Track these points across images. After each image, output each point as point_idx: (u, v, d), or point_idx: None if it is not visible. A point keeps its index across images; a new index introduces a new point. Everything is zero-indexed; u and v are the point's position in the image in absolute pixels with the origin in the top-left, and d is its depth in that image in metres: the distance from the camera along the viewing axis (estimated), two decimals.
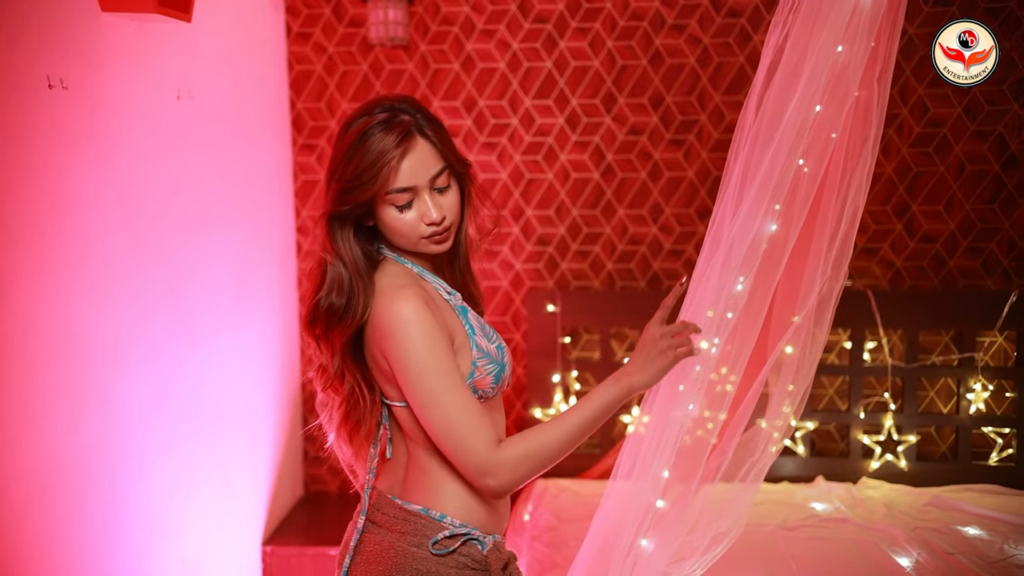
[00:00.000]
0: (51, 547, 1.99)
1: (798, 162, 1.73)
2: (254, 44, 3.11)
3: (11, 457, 1.85)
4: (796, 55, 1.81)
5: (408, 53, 3.34)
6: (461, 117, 3.36)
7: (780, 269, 1.82)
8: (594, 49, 3.31)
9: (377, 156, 1.52)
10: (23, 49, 1.88)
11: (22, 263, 1.87)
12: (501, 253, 3.42)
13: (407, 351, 1.51)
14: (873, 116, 2.05)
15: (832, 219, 2.09)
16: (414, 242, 1.58)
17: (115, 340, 2.21)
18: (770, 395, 2.28)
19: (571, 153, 3.36)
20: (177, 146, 2.52)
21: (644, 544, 1.77)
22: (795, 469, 3.34)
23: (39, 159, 1.93)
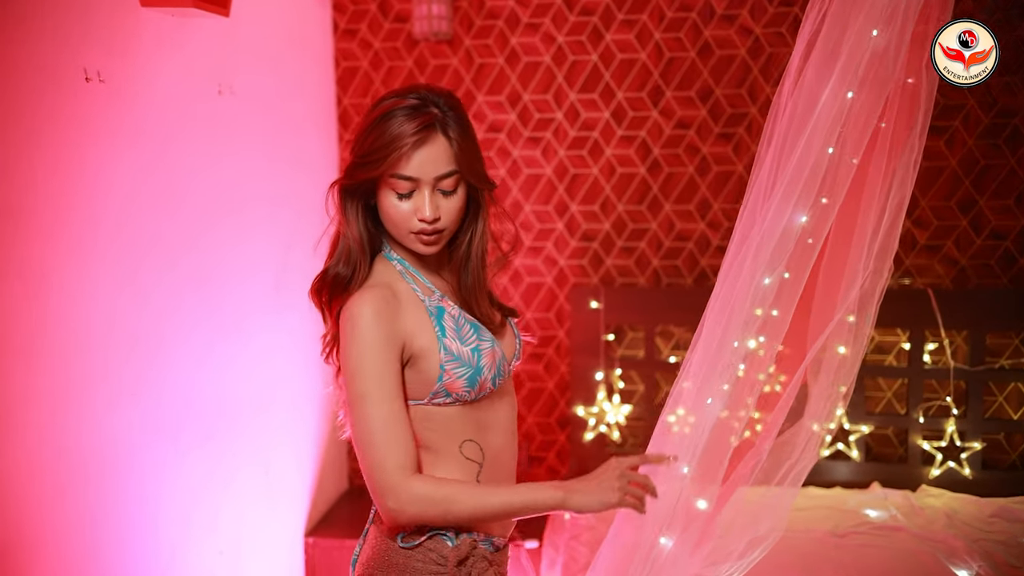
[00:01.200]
0: (87, 530, 2.01)
1: (829, 151, 1.65)
2: (299, 40, 3.12)
3: (46, 441, 1.87)
4: (833, 39, 1.74)
5: (452, 48, 3.32)
6: (505, 112, 3.33)
7: (810, 263, 1.73)
8: (641, 41, 3.24)
9: (392, 139, 1.50)
10: (60, 43, 1.90)
11: (56, 253, 1.90)
12: (545, 249, 3.37)
13: (348, 349, 1.50)
14: (920, 103, 1.96)
15: (875, 211, 1.99)
16: (403, 234, 1.56)
17: (151, 330, 2.22)
18: (809, 395, 2.19)
19: (617, 148, 3.29)
20: (218, 140, 2.53)
21: (663, 542, 1.71)
22: (849, 474, 3.22)
23: (74, 151, 1.95)
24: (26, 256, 1.82)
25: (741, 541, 2.23)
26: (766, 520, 2.24)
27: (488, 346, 1.59)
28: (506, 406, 1.66)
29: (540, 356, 3.42)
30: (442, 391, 1.56)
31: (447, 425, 1.59)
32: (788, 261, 1.75)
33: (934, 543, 2.77)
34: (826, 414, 2.16)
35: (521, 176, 3.35)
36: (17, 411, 1.79)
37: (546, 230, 3.36)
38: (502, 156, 3.35)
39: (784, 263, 1.68)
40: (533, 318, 3.41)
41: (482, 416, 1.61)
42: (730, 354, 1.72)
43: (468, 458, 1.60)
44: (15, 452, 1.79)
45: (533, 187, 3.35)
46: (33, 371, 1.84)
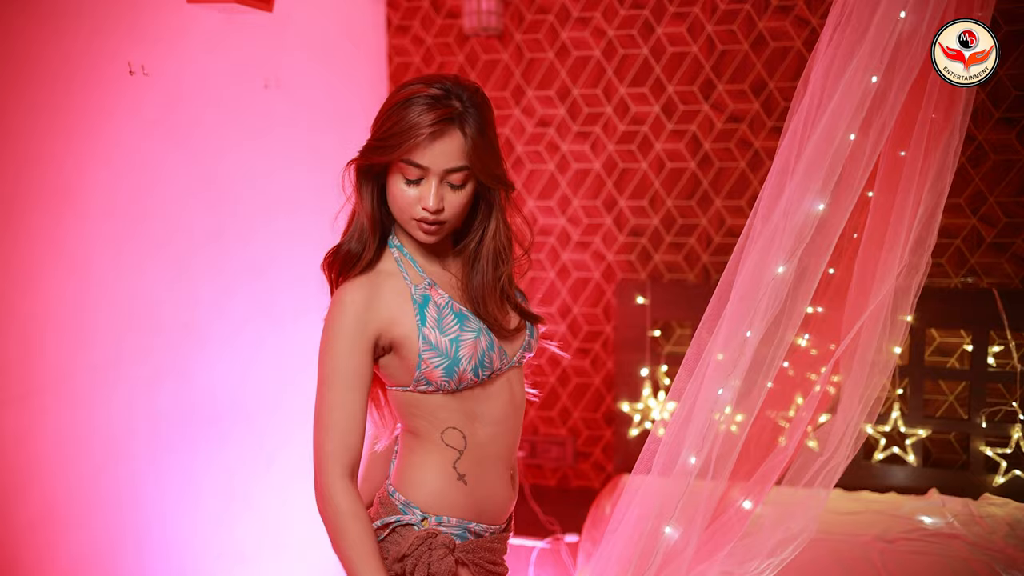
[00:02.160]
0: (129, 501, 2.09)
1: (851, 137, 1.59)
2: (351, 36, 3.17)
3: (89, 414, 1.95)
4: (860, 21, 1.68)
5: (503, 43, 3.33)
6: (555, 106, 3.32)
7: (828, 252, 1.68)
8: (693, 34, 3.20)
9: (410, 127, 1.51)
10: (106, 38, 1.97)
11: (98, 238, 1.97)
12: (593, 244, 3.35)
13: (323, 332, 1.57)
14: (962, 91, 1.88)
15: (911, 204, 1.92)
16: (405, 220, 1.58)
17: (193, 315, 2.29)
18: (841, 394, 2.12)
19: (666, 142, 3.25)
20: (263, 132, 2.59)
21: (668, 532, 1.68)
22: (906, 479, 3.12)
23: (118, 141, 2.02)
24: (75, 238, 1.89)
25: (771, 539, 2.18)
26: (798, 520, 2.19)
27: (470, 337, 1.58)
28: (500, 400, 1.65)
29: (587, 351, 3.40)
30: (423, 379, 1.57)
31: (433, 413, 1.60)
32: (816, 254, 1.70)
33: (992, 553, 2.65)
34: (859, 413, 2.09)
35: (570, 171, 3.34)
36: (60, 386, 1.86)
37: (594, 225, 3.34)
38: (551, 151, 3.34)
39: (799, 252, 1.63)
40: (580, 313, 3.39)
41: (470, 407, 1.61)
42: (741, 343, 1.68)
43: (448, 444, 1.61)
44: (58, 423, 1.86)
45: (582, 182, 3.33)
46: (79, 347, 1.91)
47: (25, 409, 1.77)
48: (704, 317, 1.73)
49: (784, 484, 2.18)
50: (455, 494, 1.61)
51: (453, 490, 1.61)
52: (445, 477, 1.61)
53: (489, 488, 1.64)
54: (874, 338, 2.01)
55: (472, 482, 1.62)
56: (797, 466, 2.15)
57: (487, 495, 1.64)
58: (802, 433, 1.98)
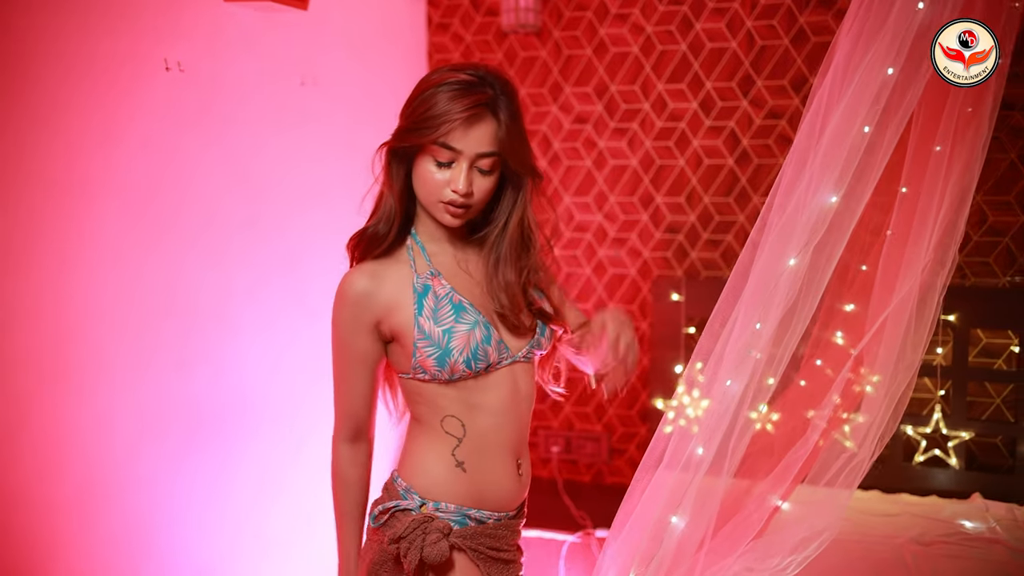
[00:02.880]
0: (165, 482, 2.15)
1: (865, 130, 1.57)
2: (389, 35, 3.21)
3: (124, 397, 2.01)
4: (879, 13, 1.66)
5: (541, 40, 3.34)
6: (592, 103, 3.32)
7: (841, 246, 1.66)
8: (732, 30, 3.17)
9: (443, 112, 1.54)
10: (143, 36, 2.03)
11: (133, 227, 2.03)
12: (629, 241, 3.34)
13: (332, 313, 1.65)
14: (990, 85, 1.84)
15: (936, 200, 1.89)
16: (432, 202, 1.60)
17: (227, 305, 2.35)
18: (864, 392, 2.09)
19: (704, 138, 3.23)
20: (299, 128, 2.64)
21: (675, 521, 1.68)
22: (948, 483, 3.05)
23: (155, 135, 2.08)
24: (113, 229, 1.96)
25: (794, 537, 2.16)
26: (821, 517, 2.16)
27: (464, 330, 1.59)
28: (500, 392, 1.65)
29: None
30: (418, 367, 1.60)
31: (433, 401, 1.63)
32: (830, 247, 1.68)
33: None
34: (884, 411, 2.06)
35: (607, 167, 3.33)
36: (96, 368, 1.93)
37: (631, 221, 3.33)
38: (588, 147, 3.34)
39: (812, 245, 1.61)
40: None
41: (469, 397, 1.63)
42: (749, 336, 1.67)
43: (447, 432, 1.63)
44: (94, 404, 1.93)
45: (618, 178, 3.33)
46: (114, 332, 1.98)
47: (62, 389, 1.84)
48: (716, 308, 1.73)
49: (807, 482, 2.16)
50: (454, 481, 1.63)
51: (452, 477, 1.63)
52: (444, 464, 1.63)
53: (491, 476, 1.65)
54: (899, 336, 1.97)
55: (471, 470, 1.63)
56: (820, 464, 2.12)
57: (488, 483, 1.65)
58: (822, 430, 1.96)
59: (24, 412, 1.75)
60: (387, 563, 1.62)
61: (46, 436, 1.82)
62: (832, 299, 2.36)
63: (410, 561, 1.57)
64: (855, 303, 2.44)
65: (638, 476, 1.74)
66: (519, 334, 1.67)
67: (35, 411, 1.78)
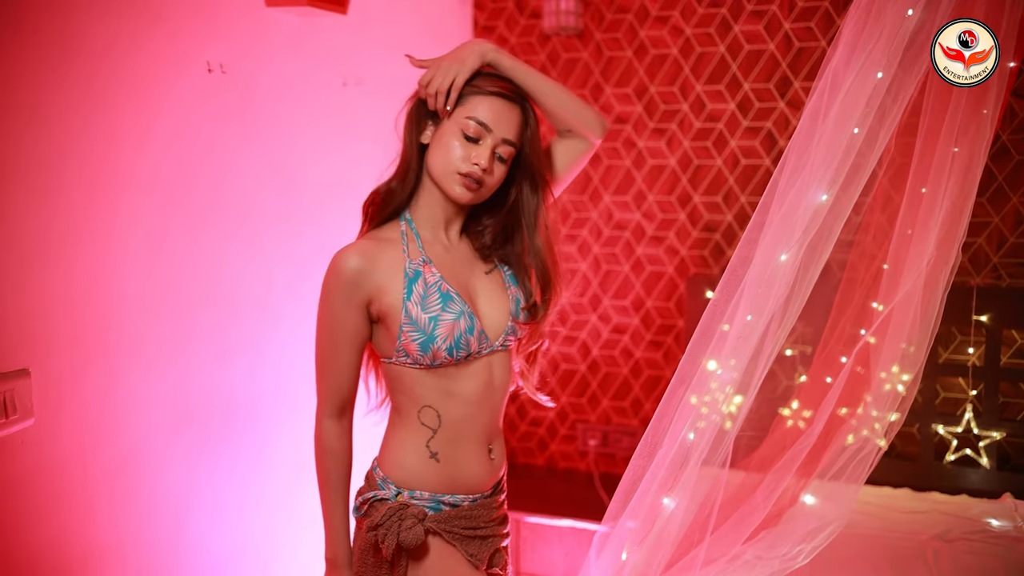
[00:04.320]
0: (206, 461, 2.30)
1: (854, 131, 1.64)
2: (434, 37, 3.34)
3: (162, 380, 2.17)
4: (874, 18, 1.72)
5: (583, 42, 3.43)
6: (632, 104, 3.40)
7: (831, 242, 1.72)
8: (770, 32, 3.22)
9: (478, 85, 1.70)
10: (186, 39, 2.19)
11: (174, 217, 2.19)
12: (667, 239, 3.41)
13: (321, 291, 1.73)
14: (992, 85, 1.88)
15: (939, 198, 1.93)
16: (450, 172, 1.69)
17: (265, 294, 2.50)
18: (871, 386, 2.14)
19: (742, 139, 3.28)
20: (341, 127, 2.78)
21: (666, 503, 1.77)
22: (979, 482, 3.05)
23: (196, 132, 2.24)
24: (154, 221, 2.12)
25: (804, 527, 2.22)
26: (831, 508, 2.22)
27: (450, 319, 1.68)
28: (477, 381, 1.75)
29: (659, 344, 3.47)
30: (401, 350, 1.69)
31: (411, 389, 1.73)
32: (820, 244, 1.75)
33: None
34: (887, 406, 2.11)
35: (645, 167, 3.41)
36: (135, 352, 2.09)
37: (668, 220, 3.40)
38: (627, 147, 3.42)
39: (805, 242, 1.68)
40: (653, 307, 3.46)
41: (447, 384, 1.72)
42: (741, 327, 1.74)
43: (423, 423, 1.73)
44: (132, 385, 2.09)
45: (657, 178, 3.40)
46: (154, 319, 2.14)
47: (103, 370, 2.00)
48: (712, 302, 1.81)
49: (815, 475, 2.21)
50: (427, 471, 1.73)
51: (426, 468, 1.73)
52: (418, 456, 1.74)
53: (463, 463, 1.75)
54: (903, 332, 2.02)
55: (444, 460, 1.74)
56: (829, 457, 2.18)
57: (460, 470, 1.75)
58: (824, 423, 2.02)
59: (67, 393, 1.91)
60: (370, 550, 1.73)
61: (87, 412, 1.97)
62: (863, 298, 2.41)
63: (387, 546, 1.67)
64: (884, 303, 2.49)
65: (634, 461, 1.83)
66: (498, 324, 1.78)
67: (77, 393, 1.94)
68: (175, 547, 2.22)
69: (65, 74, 1.87)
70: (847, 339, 2.50)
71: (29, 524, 1.84)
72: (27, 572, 1.83)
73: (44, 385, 1.84)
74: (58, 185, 1.87)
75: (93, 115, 1.94)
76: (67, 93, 1.87)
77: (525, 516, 3.24)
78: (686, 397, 1.79)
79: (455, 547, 1.75)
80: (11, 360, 1.76)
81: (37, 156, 1.81)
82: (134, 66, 2.04)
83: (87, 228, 1.95)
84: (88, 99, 1.93)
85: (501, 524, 1.86)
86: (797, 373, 3.07)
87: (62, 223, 1.88)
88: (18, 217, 1.77)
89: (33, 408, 1.80)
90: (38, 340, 1.83)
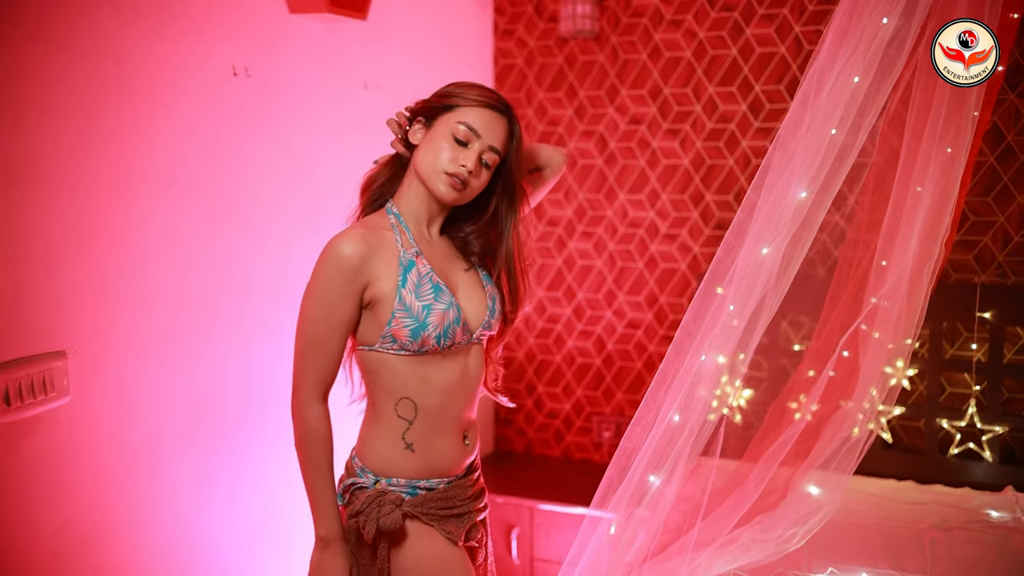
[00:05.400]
0: (229, 442, 2.45)
1: (832, 132, 1.73)
2: (455, 40, 3.47)
3: (187, 366, 2.32)
4: (851, 25, 1.81)
5: (599, 44, 3.54)
6: (647, 105, 3.50)
7: (809, 238, 1.82)
8: (780, 35, 3.30)
9: (471, 92, 1.83)
10: (212, 44, 2.33)
11: (197, 212, 2.33)
12: (680, 237, 3.51)
13: (314, 272, 1.79)
14: (971, 90, 1.96)
15: (923, 195, 2.02)
16: (436, 172, 1.80)
17: (286, 288, 2.64)
18: (858, 377, 2.23)
19: (752, 139, 3.37)
20: (361, 130, 2.91)
21: (652, 480, 1.87)
22: (982, 475, 3.11)
23: (222, 132, 2.38)
24: (179, 217, 2.26)
25: (797, 512, 2.31)
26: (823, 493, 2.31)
27: (442, 308, 1.79)
28: (454, 370, 1.85)
29: (671, 340, 3.55)
30: (389, 336, 1.79)
31: (390, 379, 1.82)
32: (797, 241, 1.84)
33: None
34: (876, 397, 2.19)
35: (659, 166, 3.51)
36: (161, 340, 2.24)
37: (681, 218, 3.50)
38: (642, 147, 3.53)
39: (784, 238, 1.78)
40: (666, 302, 3.56)
41: (426, 371, 1.82)
42: (727, 315, 1.84)
43: (400, 416, 1.84)
44: (159, 370, 2.24)
45: (670, 177, 3.50)
46: (178, 308, 2.28)
47: (132, 353, 2.15)
48: (696, 295, 1.91)
49: (806, 463, 2.30)
50: (403, 461, 1.84)
51: (402, 458, 1.84)
52: (394, 448, 1.84)
53: (437, 451, 1.86)
54: (889, 325, 2.11)
55: (419, 449, 1.84)
56: (819, 447, 2.27)
57: (435, 457, 1.86)
58: (807, 411, 2.11)
59: (100, 374, 2.06)
60: (353, 535, 1.84)
61: (120, 395, 2.12)
62: (855, 292, 2.50)
63: (368, 532, 1.78)
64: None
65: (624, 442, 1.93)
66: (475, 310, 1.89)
67: (109, 374, 2.08)
68: (196, 521, 2.36)
69: (102, 78, 2.01)
70: (840, 332, 2.59)
71: (62, 495, 1.99)
72: (57, 542, 1.98)
73: (79, 366, 1.99)
74: (92, 181, 2.02)
75: (122, 114, 2.09)
76: (101, 95, 2.02)
77: (539, 504, 3.35)
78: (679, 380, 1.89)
79: (433, 527, 1.85)
80: (49, 342, 1.91)
81: (75, 154, 1.96)
82: (163, 70, 2.19)
83: (117, 223, 2.09)
84: (121, 100, 2.08)
85: (476, 499, 1.96)
86: (806, 368, 3.15)
87: (94, 218, 2.03)
88: (55, 212, 1.92)
89: (69, 387, 1.95)
90: (74, 325, 1.98)
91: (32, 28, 1.85)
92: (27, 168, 1.86)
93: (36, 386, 1.85)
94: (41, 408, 1.89)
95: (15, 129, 1.82)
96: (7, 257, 1.83)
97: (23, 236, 1.85)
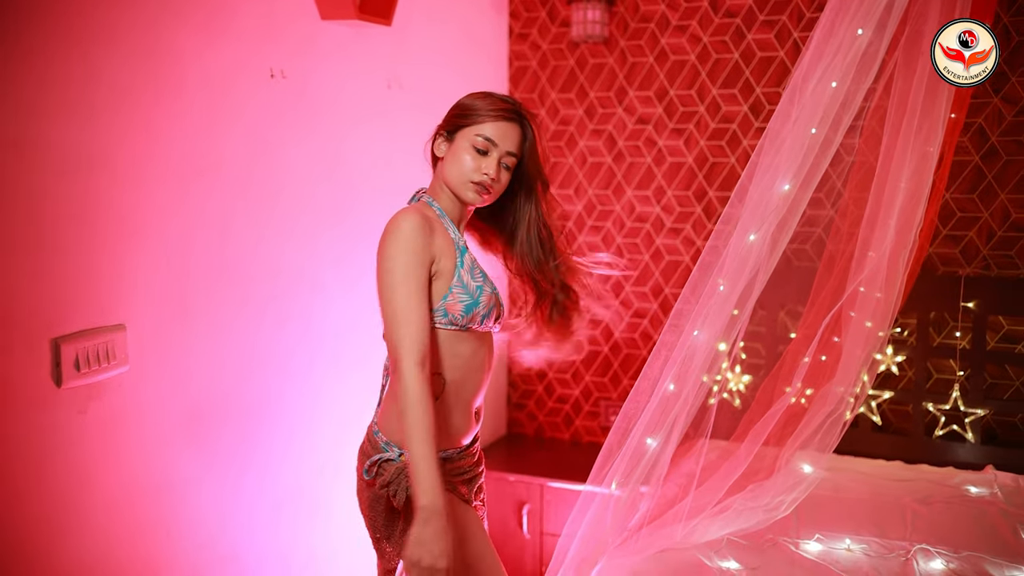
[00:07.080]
0: (266, 413, 2.66)
1: (812, 131, 1.94)
2: (472, 43, 3.68)
3: (224, 344, 2.54)
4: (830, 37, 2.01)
5: (609, 48, 3.75)
6: (653, 106, 3.71)
7: (793, 225, 2.02)
8: (780, 40, 3.50)
9: (487, 110, 2.03)
10: (252, 49, 2.55)
11: (235, 204, 2.55)
12: (684, 231, 3.71)
13: (387, 248, 1.91)
14: (943, 92, 2.16)
15: (900, 188, 2.22)
16: (463, 181, 2.02)
17: (315, 272, 2.86)
18: (840, 361, 2.42)
19: (753, 138, 3.57)
20: (384, 126, 3.13)
21: (649, 442, 2.07)
22: (965, 456, 3.30)
23: (258, 130, 2.60)
24: (217, 206, 2.48)
25: (785, 482, 2.52)
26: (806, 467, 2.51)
27: (489, 291, 2.03)
28: (481, 350, 2.06)
29: None
30: (442, 309, 1.97)
31: (431, 351, 1.97)
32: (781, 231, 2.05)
33: (1022, 519, 2.80)
34: (855, 378, 2.39)
35: (665, 164, 3.72)
36: (206, 314, 2.46)
37: (685, 213, 3.70)
38: (649, 146, 3.73)
39: (765, 225, 1.98)
40: (671, 293, 3.76)
41: (459, 347, 2.01)
42: (721, 302, 2.05)
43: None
44: (206, 342, 2.46)
45: (676, 174, 3.71)
46: (220, 288, 2.50)
47: (184, 327, 2.37)
48: (691, 281, 2.12)
49: (791, 439, 2.50)
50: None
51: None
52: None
53: (453, 425, 2.05)
54: (867, 312, 2.31)
55: (440, 423, 2.00)
56: (802, 427, 2.47)
57: (451, 429, 2.05)
58: (801, 394, 2.30)
59: (155, 345, 2.27)
60: (380, 503, 2.02)
61: (171, 365, 2.33)
62: (838, 280, 2.70)
63: (399, 500, 1.95)
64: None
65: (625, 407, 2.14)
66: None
67: (163, 345, 2.30)
68: (237, 485, 2.59)
69: (161, 83, 2.24)
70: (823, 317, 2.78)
71: (121, 454, 2.21)
72: (112, 500, 2.20)
73: (137, 338, 2.21)
74: (152, 171, 2.24)
75: (176, 110, 2.31)
76: (162, 91, 2.24)
77: (549, 481, 3.56)
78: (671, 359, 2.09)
79: (449, 491, 2.04)
80: (111, 316, 2.14)
81: (138, 146, 2.18)
82: (213, 70, 2.41)
83: (170, 210, 2.31)
84: (177, 96, 2.30)
85: (478, 464, 2.19)
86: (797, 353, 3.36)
87: (148, 205, 2.25)
88: (116, 200, 2.14)
89: (128, 357, 2.17)
90: (133, 300, 2.20)
91: (101, 32, 2.07)
92: (99, 157, 2.08)
93: (100, 355, 2.07)
94: (104, 375, 2.11)
95: (89, 122, 2.04)
96: (80, 239, 2.05)
97: (91, 220, 2.08)
